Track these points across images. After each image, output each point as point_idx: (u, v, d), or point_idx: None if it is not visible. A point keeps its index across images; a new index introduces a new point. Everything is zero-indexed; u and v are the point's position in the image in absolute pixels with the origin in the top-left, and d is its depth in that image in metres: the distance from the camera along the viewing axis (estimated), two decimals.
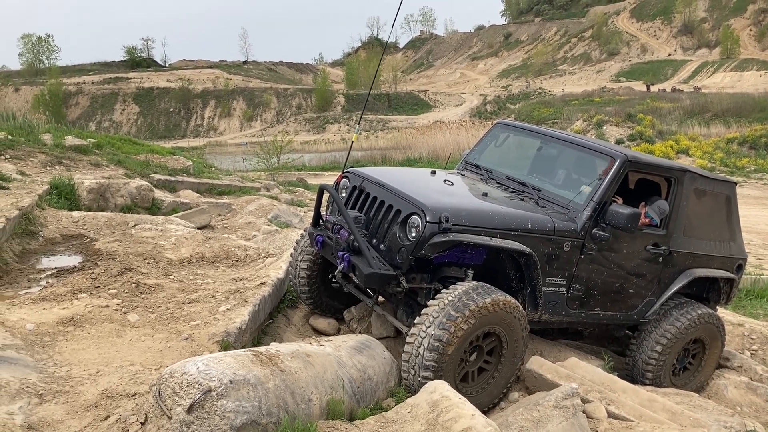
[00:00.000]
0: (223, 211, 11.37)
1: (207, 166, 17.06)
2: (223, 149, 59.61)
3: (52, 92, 78.75)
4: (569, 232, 4.75)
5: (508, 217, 4.49)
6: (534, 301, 4.76)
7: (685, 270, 5.62)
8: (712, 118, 44.15)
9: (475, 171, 5.83)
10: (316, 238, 4.87)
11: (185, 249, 6.73)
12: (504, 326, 4.23)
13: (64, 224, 7.41)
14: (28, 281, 5.52)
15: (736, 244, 6.08)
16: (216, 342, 4.28)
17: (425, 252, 4.19)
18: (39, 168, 10.83)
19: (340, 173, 5.34)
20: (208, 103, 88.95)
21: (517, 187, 5.29)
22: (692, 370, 5.86)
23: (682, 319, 5.50)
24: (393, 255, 4.37)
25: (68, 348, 4.11)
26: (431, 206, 4.24)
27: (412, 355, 4.04)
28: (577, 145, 5.45)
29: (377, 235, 4.58)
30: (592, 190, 4.93)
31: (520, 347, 4.38)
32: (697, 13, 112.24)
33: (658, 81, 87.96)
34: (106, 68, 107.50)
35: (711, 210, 5.83)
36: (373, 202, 4.72)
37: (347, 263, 4.40)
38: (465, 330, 4.00)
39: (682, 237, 5.50)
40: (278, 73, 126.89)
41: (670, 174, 5.45)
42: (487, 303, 4.06)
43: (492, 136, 6.23)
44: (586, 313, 5.20)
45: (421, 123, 65.97)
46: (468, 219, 4.29)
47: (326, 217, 5.05)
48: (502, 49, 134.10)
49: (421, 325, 4.06)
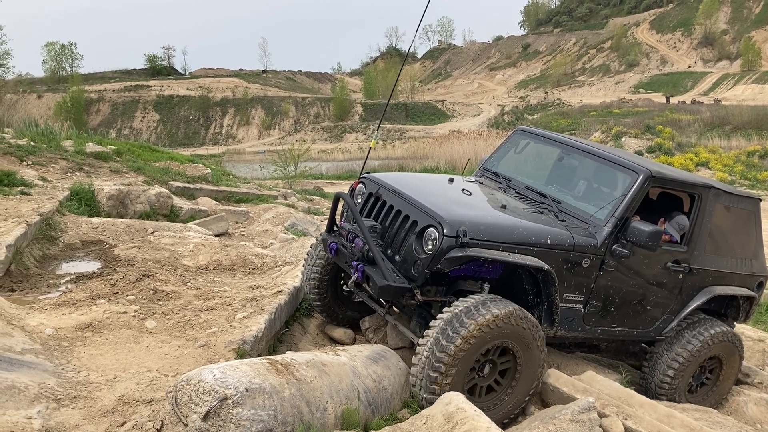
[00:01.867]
0: (241, 218, 11.44)
1: (225, 174, 17.16)
2: (241, 157, 60.04)
3: (73, 99, 79.78)
4: (589, 248, 4.64)
5: (527, 231, 4.40)
6: (550, 317, 4.63)
7: (705, 287, 5.50)
8: (733, 130, 43.72)
9: (494, 179, 5.71)
10: (330, 245, 4.81)
11: (203, 256, 6.77)
12: (518, 341, 4.13)
13: (83, 230, 7.49)
14: (48, 286, 5.59)
15: (758, 261, 5.96)
16: (232, 350, 4.30)
17: (441, 266, 4.11)
18: (60, 174, 10.97)
19: (357, 179, 5.28)
20: (227, 112, 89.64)
21: (536, 198, 5.17)
22: (709, 386, 5.78)
23: (697, 338, 5.40)
24: (408, 267, 4.30)
25: (86, 353, 4.15)
26: (449, 219, 4.17)
27: (419, 367, 3.97)
28: (599, 157, 5.30)
29: (392, 246, 4.51)
30: (613, 205, 4.81)
31: (536, 364, 4.26)
32: (718, 24, 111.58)
33: (678, 93, 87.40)
34: (127, 76, 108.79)
35: (734, 227, 5.70)
36: (389, 211, 4.65)
37: (361, 273, 4.35)
38: (473, 343, 3.91)
39: (703, 254, 5.38)
40: (297, 82, 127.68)
41: (695, 190, 5.31)
42: (497, 316, 3.97)
43: (512, 142, 6.11)
44: (603, 330, 5.10)
45: (439, 133, 66.00)
46: (486, 233, 4.20)
47: (341, 223, 4.99)
48: (521, 60, 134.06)
49: (428, 337, 3.99)
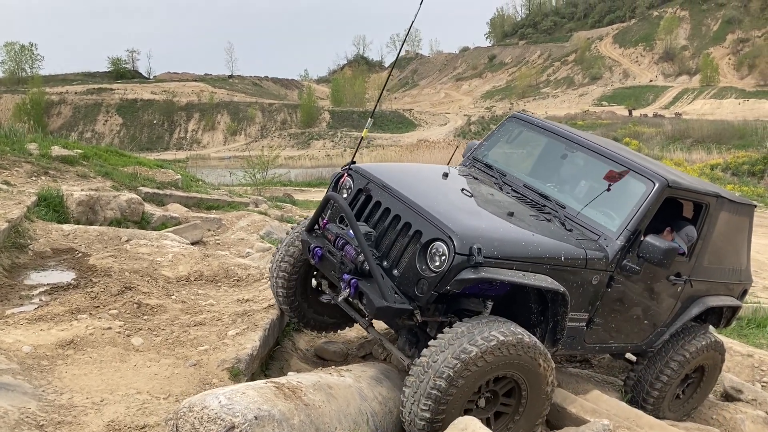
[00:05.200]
0: (213, 226, 11.09)
1: (194, 180, 16.77)
2: (206, 162, 59.24)
3: (33, 101, 77.91)
4: (600, 263, 4.25)
5: (541, 247, 3.95)
6: (554, 337, 4.20)
7: (699, 298, 5.30)
8: (693, 144, 44.79)
9: (487, 172, 5.18)
10: (315, 251, 4.16)
11: (183, 266, 6.46)
12: (519, 369, 3.64)
13: (54, 237, 7.11)
14: (20, 298, 5.22)
15: (745, 269, 5.82)
16: (226, 369, 4.04)
17: (450, 288, 3.58)
18: (24, 178, 10.50)
19: (343, 168, 4.59)
20: (192, 116, 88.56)
21: (537, 199, 4.70)
22: (686, 397, 5.62)
23: (687, 349, 5.23)
24: (409, 285, 3.74)
25: (68, 373, 3.83)
26: (460, 233, 3.62)
27: (408, 400, 3.50)
28: (610, 159, 4.77)
29: (389, 257, 3.91)
30: (626, 216, 4.42)
31: (543, 387, 3.79)
32: (678, 41, 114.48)
33: (640, 106, 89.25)
34: (89, 78, 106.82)
35: (731, 235, 5.52)
36: (385, 214, 4.06)
37: (354, 290, 3.76)
38: (466, 377, 3.43)
39: (703, 265, 5.19)
40: (263, 88, 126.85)
41: (704, 199, 5.00)
42: (495, 346, 3.47)
43: (505, 130, 5.59)
44: (600, 346, 4.79)
45: (406, 141, 66.08)
46: (500, 250, 3.71)
47: (325, 223, 4.32)
48: (487, 71, 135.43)
49: (419, 368, 3.50)
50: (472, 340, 3.45)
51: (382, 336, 4.45)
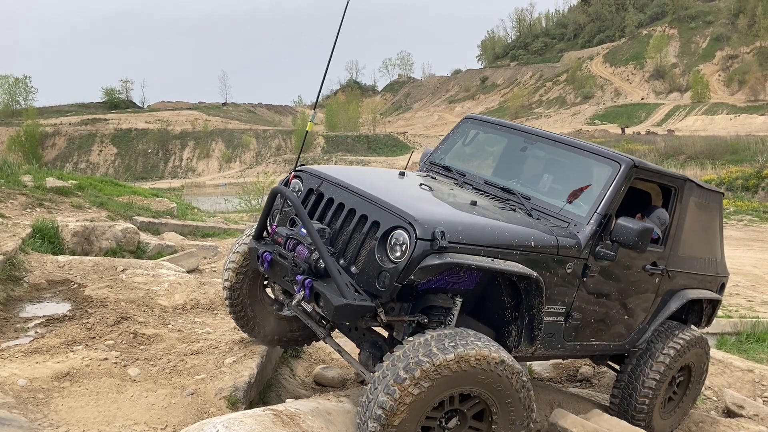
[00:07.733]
0: (209, 254, 11.07)
1: (190, 208, 16.78)
2: (202, 190, 59.39)
3: (28, 133, 78.29)
4: (573, 249, 4.02)
5: (509, 232, 3.71)
6: (531, 333, 3.93)
7: (678, 291, 5.15)
8: (687, 160, 45.10)
9: (446, 174, 4.97)
10: (263, 256, 3.86)
11: (179, 295, 6.44)
12: (487, 388, 3.30)
13: (49, 269, 7.09)
14: (15, 331, 5.19)
15: (720, 261, 5.72)
16: (223, 397, 4.01)
17: (414, 277, 3.29)
18: (19, 210, 10.49)
19: (291, 172, 4.35)
20: (187, 144, 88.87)
21: (500, 194, 4.49)
22: (677, 399, 5.47)
23: (672, 347, 5.02)
24: (370, 280, 3.45)
25: (65, 406, 3.80)
26: (421, 219, 3.37)
27: (362, 410, 3.20)
28: (571, 146, 4.66)
29: (345, 254, 3.64)
30: (595, 200, 4.23)
31: (519, 412, 3.44)
32: (668, 58, 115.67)
33: (633, 124, 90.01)
34: (83, 109, 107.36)
35: (704, 224, 5.40)
36: (338, 210, 3.82)
37: (309, 291, 3.47)
38: (416, 395, 3.08)
39: (677, 255, 5.04)
40: (257, 114, 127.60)
41: (673, 183, 4.88)
42: (449, 360, 3.13)
43: (460, 132, 5.39)
44: (581, 345, 4.51)
45: (401, 164, 66.24)
46: (465, 235, 3.45)
47: (273, 228, 4.05)
48: (479, 93, 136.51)
49: (370, 385, 3.21)
50: (407, 365, 3.12)
51: (341, 347, 4.09)
